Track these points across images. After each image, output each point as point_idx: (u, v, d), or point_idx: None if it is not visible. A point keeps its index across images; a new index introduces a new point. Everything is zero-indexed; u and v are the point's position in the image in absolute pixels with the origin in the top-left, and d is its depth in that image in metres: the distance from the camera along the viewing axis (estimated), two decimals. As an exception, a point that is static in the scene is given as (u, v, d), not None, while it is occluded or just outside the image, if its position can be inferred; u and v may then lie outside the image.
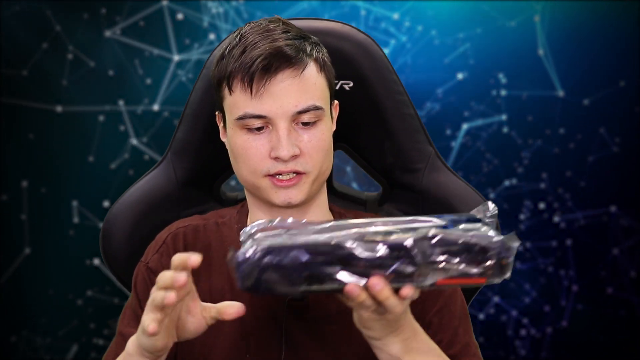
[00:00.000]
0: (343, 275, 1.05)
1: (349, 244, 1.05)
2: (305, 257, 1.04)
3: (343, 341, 1.29)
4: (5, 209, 2.88)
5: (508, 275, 1.07)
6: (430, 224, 1.08)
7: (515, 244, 1.07)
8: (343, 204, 1.52)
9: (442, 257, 1.05)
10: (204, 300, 1.32)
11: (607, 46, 2.86)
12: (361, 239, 1.05)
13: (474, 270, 1.06)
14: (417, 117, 1.49)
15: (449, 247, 1.06)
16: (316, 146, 1.26)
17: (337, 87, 1.45)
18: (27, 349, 2.90)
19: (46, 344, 2.90)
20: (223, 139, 1.35)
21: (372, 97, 1.46)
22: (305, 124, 1.25)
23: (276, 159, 1.25)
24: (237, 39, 1.27)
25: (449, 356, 1.24)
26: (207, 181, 1.53)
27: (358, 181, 2.56)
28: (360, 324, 1.14)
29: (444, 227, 1.08)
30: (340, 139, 1.49)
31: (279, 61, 1.23)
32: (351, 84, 1.46)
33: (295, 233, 1.07)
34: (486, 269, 1.07)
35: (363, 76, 1.46)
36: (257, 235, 1.08)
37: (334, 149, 1.52)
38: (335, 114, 1.35)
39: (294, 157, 1.25)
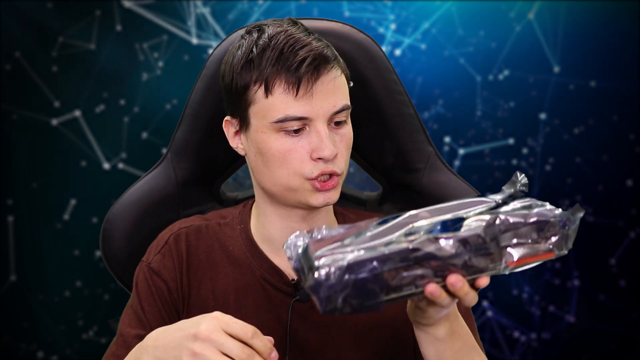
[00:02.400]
0: (423, 278, 1.04)
1: (426, 247, 1.03)
2: (385, 267, 1.02)
3: (348, 342, 1.29)
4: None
5: (571, 245, 1.09)
6: (485, 206, 1.09)
7: (580, 214, 1.09)
8: (343, 204, 1.52)
9: (514, 241, 1.06)
10: (207, 301, 1.32)
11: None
12: (434, 238, 1.04)
13: (542, 247, 1.08)
14: (417, 117, 1.49)
15: (518, 229, 1.06)
16: (346, 145, 1.28)
17: (337, 87, 1.45)
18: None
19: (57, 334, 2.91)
20: (233, 145, 1.33)
21: (372, 97, 1.46)
22: (337, 123, 1.27)
23: (318, 160, 1.24)
24: (266, 40, 1.25)
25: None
26: (207, 181, 1.53)
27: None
28: (415, 315, 1.14)
29: (497, 207, 1.09)
30: (340, 138, 1.49)
31: (324, 63, 1.24)
32: (351, 84, 1.46)
33: (354, 242, 1.04)
34: (553, 243, 1.08)
35: (363, 76, 1.46)
36: (316, 252, 1.03)
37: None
38: None
39: (334, 157, 1.25)
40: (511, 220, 1.07)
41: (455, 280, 1.05)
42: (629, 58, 2.86)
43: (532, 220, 1.07)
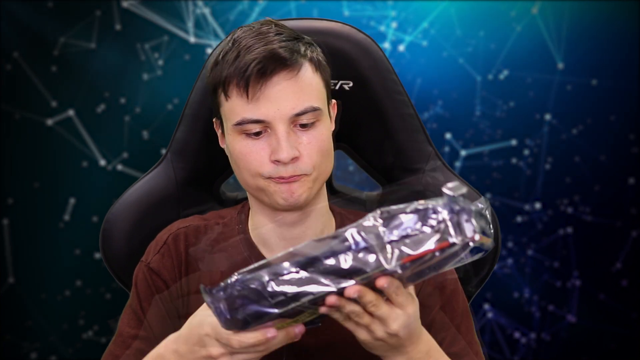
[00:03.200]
0: (314, 288, 1.03)
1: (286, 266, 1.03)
2: (265, 278, 1.03)
3: (347, 346, 1.29)
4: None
5: (475, 236, 1.00)
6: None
7: (482, 204, 1.04)
8: (343, 204, 1.52)
9: (394, 233, 1.02)
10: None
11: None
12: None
13: (431, 235, 1.01)
14: (417, 116, 1.49)
15: (398, 221, 1.02)
16: (315, 147, 1.25)
17: (337, 87, 1.45)
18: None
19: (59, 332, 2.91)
20: (222, 145, 1.34)
21: (372, 97, 1.46)
22: (303, 125, 1.24)
23: (276, 162, 1.23)
24: (230, 44, 1.26)
25: (451, 354, 1.24)
26: (207, 181, 1.53)
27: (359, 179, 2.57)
28: (364, 347, 1.13)
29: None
30: (340, 139, 1.49)
31: (273, 64, 1.22)
32: (351, 84, 1.46)
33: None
34: (443, 231, 1.00)
35: (363, 76, 1.46)
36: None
37: (334, 149, 1.53)
38: (334, 113, 1.35)
39: (294, 159, 1.24)
40: (390, 212, 1.02)
41: (353, 290, 1.02)
42: (631, 57, 2.86)
43: (410, 209, 1.02)
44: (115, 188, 2.79)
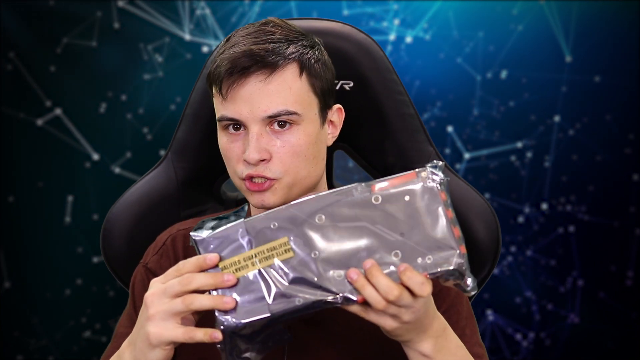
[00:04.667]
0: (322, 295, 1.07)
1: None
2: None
3: (349, 342, 1.29)
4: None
5: (437, 174, 1.09)
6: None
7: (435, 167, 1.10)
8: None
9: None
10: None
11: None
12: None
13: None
14: (417, 116, 1.49)
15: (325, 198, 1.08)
16: (289, 151, 1.23)
17: (338, 87, 1.45)
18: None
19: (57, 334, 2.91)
20: None
21: (372, 97, 1.46)
22: (280, 127, 1.23)
23: (245, 162, 1.24)
24: (223, 43, 1.27)
25: None
26: (208, 181, 1.53)
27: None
28: (389, 335, 1.13)
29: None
30: (340, 139, 1.49)
31: (246, 63, 1.21)
32: (351, 84, 1.46)
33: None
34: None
35: (363, 76, 1.46)
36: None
37: (334, 150, 1.53)
38: (338, 117, 1.33)
39: (264, 161, 1.23)
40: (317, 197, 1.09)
41: (354, 271, 1.06)
42: (632, 54, 2.85)
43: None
44: (117, 188, 2.82)
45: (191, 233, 1.10)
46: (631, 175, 2.88)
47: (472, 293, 1.10)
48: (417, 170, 1.10)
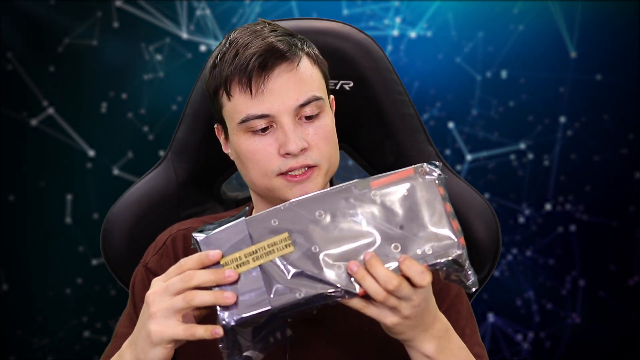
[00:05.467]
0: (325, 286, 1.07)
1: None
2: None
3: (350, 341, 1.29)
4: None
5: (434, 169, 1.12)
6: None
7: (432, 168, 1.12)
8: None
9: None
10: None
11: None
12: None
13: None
14: (417, 116, 1.49)
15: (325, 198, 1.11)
16: (323, 137, 1.25)
17: (338, 87, 1.45)
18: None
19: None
20: (226, 151, 1.33)
21: (372, 97, 1.46)
22: (308, 117, 1.24)
23: (286, 155, 1.23)
24: (227, 45, 1.26)
25: None
26: (208, 181, 1.53)
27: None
28: (390, 332, 1.13)
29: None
30: (340, 138, 1.49)
31: (274, 57, 1.22)
32: (351, 84, 1.46)
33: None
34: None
35: (363, 76, 1.46)
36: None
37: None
38: (333, 107, 1.34)
39: (304, 150, 1.23)
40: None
41: (353, 264, 1.06)
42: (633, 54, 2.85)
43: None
44: (117, 188, 2.82)
45: (193, 234, 1.10)
46: (631, 174, 2.88)
47: (473, 289, 1.10)
48: (414, 166, 1.12)
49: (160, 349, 1.10)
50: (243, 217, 1.10)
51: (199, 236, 1.10)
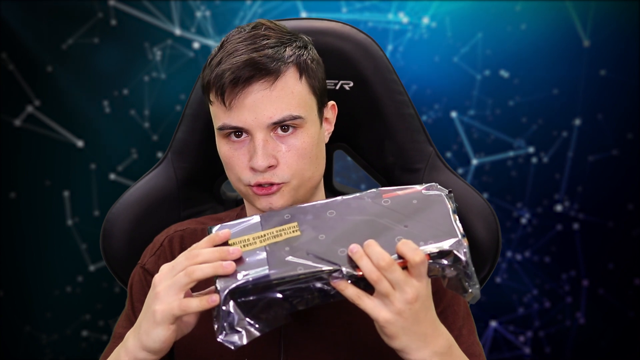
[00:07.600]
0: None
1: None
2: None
3: (344, 344, 1.29)
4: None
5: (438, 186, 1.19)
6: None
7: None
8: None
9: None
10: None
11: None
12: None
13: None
14: (417, 116, 1.49)
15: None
16: (295, 155, 1.24)
17: (338, 87, 1.45)
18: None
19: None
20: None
21: (372, 97, 1.46)
22: (284, 132, 1.24)
23: (252, 169, 1.24)
24: (218, 49, 1.26)
25: None
26: (208, 181, 1.53)
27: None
28: (384, 335, 1.12)
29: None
30: (340, 139, 1.50)
31: (250, 73, 1.21)
32: (351, 84, 1.46)
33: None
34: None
35: (363, 76, 1.46)
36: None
37: (334, 149, 1.53)
38: (332, 114, 1.34)
39: (271, 167, 1.23)
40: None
41: (355, 247, 1.09)
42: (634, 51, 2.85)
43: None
44: (117, 188, 2.82)
45: (209, 227, 1.17)
46: (631, 174, 2.88)
47: (476, 293, 1.12)
48: (426, 184, 1.20)
49: (163, 328, 1.11)
50: (258, 215, 1.18)
51: (215, 227, 1.17)
